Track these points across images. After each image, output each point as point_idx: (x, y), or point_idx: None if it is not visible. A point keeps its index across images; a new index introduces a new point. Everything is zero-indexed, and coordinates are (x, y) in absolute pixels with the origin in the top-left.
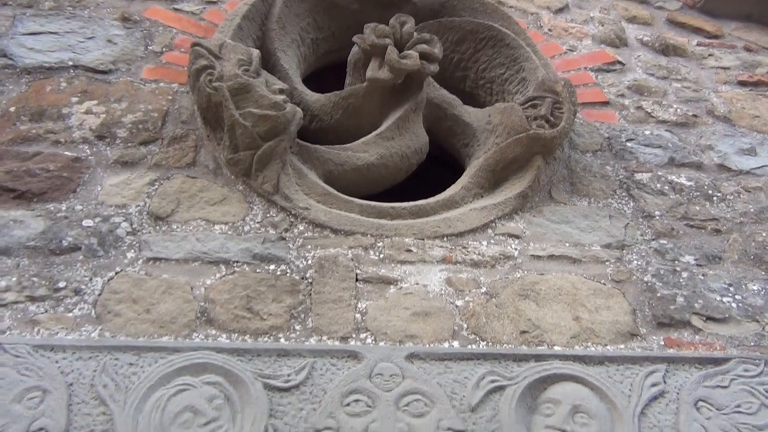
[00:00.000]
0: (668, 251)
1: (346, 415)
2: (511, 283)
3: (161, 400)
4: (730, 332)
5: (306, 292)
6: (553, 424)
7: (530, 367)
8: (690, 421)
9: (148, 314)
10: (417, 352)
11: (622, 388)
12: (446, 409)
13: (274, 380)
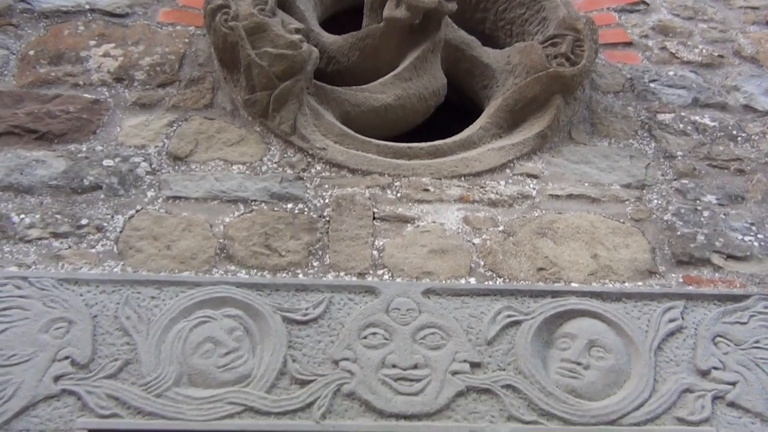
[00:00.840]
0: (689, 191)
1: (363, 347)
2: (529, 222)
3: (183, 331)
4: (750, 270)
5: (323, 229)
6: (568, 357)
7: (547, 302)
8: (707, 356)
9: (168, 250)
10: (433, 287)
11: (639, 323)
12: (462, 343)
13: (292, 314)
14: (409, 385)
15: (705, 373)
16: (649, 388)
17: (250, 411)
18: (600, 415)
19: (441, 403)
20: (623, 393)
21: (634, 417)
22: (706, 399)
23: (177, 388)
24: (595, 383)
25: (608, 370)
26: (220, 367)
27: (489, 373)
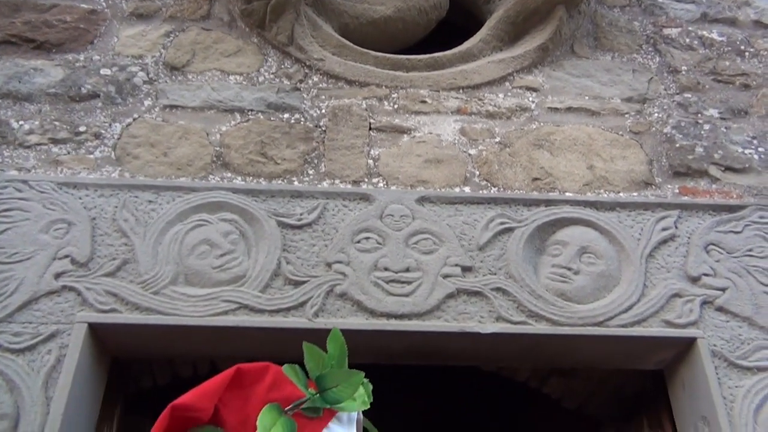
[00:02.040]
0: (692, 104)
1: (356, 250)
2: (526, 134)
3: (179, 233)
4: (748, 182)
5: (319, 139)
6: (559, 263)
7: (540, 211)
8: (699, 263)
9: (165, 157)
10: (428, 195)
11: (632, 232)
12: (454, 248)
13: (287, 218)
14: (400, 286)
15: (695, 279)
16: (638, 293)
17: (245, 308)
18: (588, 317)
19: (431, 304)
20: (612, 297)
21: (621, 319)
22: (694, 303)
23: (173, 286)
24: (585, 287)
25: (598, 275)
26: (215, 268)
27: (480, 277)
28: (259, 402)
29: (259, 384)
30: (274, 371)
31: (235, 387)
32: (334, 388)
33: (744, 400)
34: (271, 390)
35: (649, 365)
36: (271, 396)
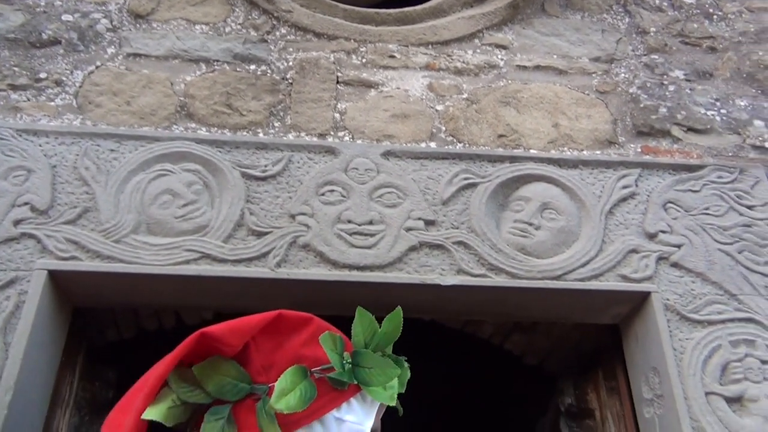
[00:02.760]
0: (658, 66)
1: (320, 203)
2: (494, 91)
3: (141, 182)
4: (709, 143)
5: (286, 91)
6: (521, 218)
7: (504, 167)
8: (656, 220)
9: (128, 106)
10: (393, 150)
11: (593, 189)
12: (418, 202)
13: (251, 170)
14: (363, 239)
15: (652, 236)
16: (597, 248)
17: (207, 258)
18: (546, 270)
19: (393, 256)
20: (571, 252)
21: (579, 273)
22: (650, 259)
23: (135, 235)
24: (545, 242)
25: (558, 230)
26: (178, 218)
27: (442, 231)
28: (290, 353)
29: (296, 335)
30: (316, 326)
31: (271, 331)
32: (367, 369)
33: (693, 352)
34: (305, 345)
35: (605, 319)
36: (304, 351)
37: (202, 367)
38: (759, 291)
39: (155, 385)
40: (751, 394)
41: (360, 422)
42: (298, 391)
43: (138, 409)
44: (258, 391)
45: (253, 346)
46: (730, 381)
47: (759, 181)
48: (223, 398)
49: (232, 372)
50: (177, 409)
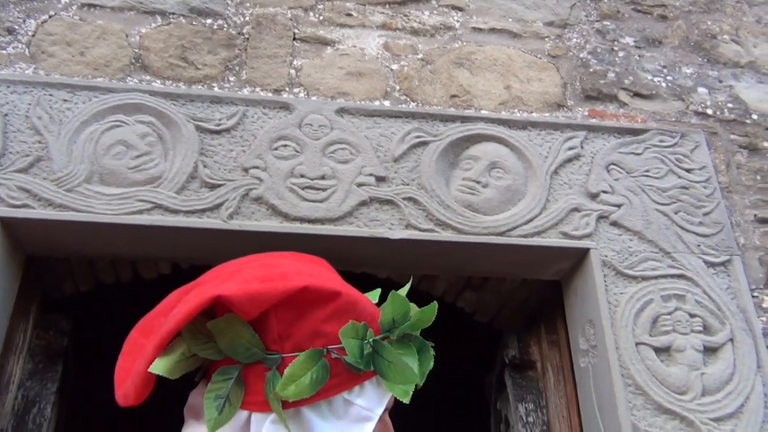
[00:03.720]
0: (609, 32)
1: (273, 157)
2: (448, 52)
3: (95, 133)
4: (654, 108)
5: (242, 46)
6: (469, 176)
7: (455, 126)
8: (599, 181)
9: (82, 57)
10: (347, 107)
11: (540, 150)
12: (370, 158)
13: (206, 123)
14: (315, 193)
15: (594, 196)
16: (540, 206)
17: (160, 208)
18: (491, 227)
19: (344, 210)
20: (516, 209)
21: (522, 230)
22: (591, 217)
23: (88, 184)
24: (491, 200)
25: (505, 188)
26: (131, 168)
27: (393, 187)
28: (309, 327)
29: (320, 309)
30: (342, 302)
31: (294, 303)
32: (387, 362)
33: (627, 305)
34: (327, 320)
35: (548, 275)
36: (325, 327)
37: (216, 324)
38: (692, 249)
39: (166, 339)
40: (678, 344)
41: (370, 408)
42: (309, 376)
43: (148, 359)
44: (269, 362)
45: (273, 313)
46: (659, 332)
47: (698, 146)
48: (234, 357)
49: (246, 335)
50: (185, 362)
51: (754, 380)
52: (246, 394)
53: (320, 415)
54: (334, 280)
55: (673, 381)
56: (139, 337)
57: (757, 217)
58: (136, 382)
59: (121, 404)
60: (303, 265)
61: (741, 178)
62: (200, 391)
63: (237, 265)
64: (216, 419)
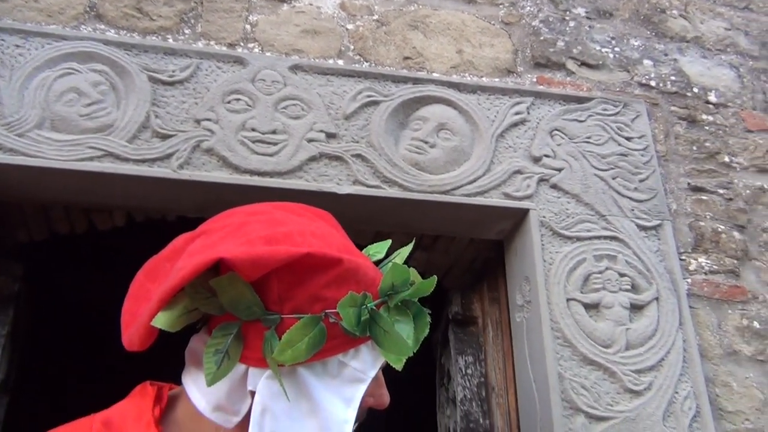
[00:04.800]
0: (562, 2)
1: (226, 110)
2: (404, 15)
3: (47, 80)
4: (599, 78)
5: (198, 0)
6: (417, 136)
7: (407, 88)
8: (542, 145)
9: (36, 3)
10: (301, 64)
11: (488, 114)
12: (322, 115)
13: (159, 74)
14: (266, 147)
15: (537, 159)
16: (485, 168)
17: (111, 156)
18: (436, 185)
19: (294, 165)
20: (461, 170)
21: (466, 189)
22: (532, 180)
23: (39, 130)
24: (438, 159)
25: (451, 149)
26: (82, 116)
27: (342, 144)
28: (310, 291)
29: (322, 275)
30: (344, 269)
31: (295, 267)
32: (383, 330)
33: (561, 263)
34: (328, 286)
35: (491, 235)
36: (325, 292)
37: (219, 281)
38: (625, 213)
39: (169, 295)
40: (607, 301)
41: (363, 371)
42: (305, 342)
43: (151, 313)
44: (268, 321)
45: (274, 276)
46: (590, 290)
47: (639, 116)
48: (234, 314)
49: (247, 294)
50: (187, 316)
51: (675, 336)
52: (244, 349)
53: (315, 374)
54: (338, 243)
55: (599, 335)
56: (145, 281)
57: (690, 186)
58: (140, 331)
59: (126, 348)
60: (309, 224)
61: (678, 148)
62: (201, 338)
63: (244, 216)
64: (215, 374)
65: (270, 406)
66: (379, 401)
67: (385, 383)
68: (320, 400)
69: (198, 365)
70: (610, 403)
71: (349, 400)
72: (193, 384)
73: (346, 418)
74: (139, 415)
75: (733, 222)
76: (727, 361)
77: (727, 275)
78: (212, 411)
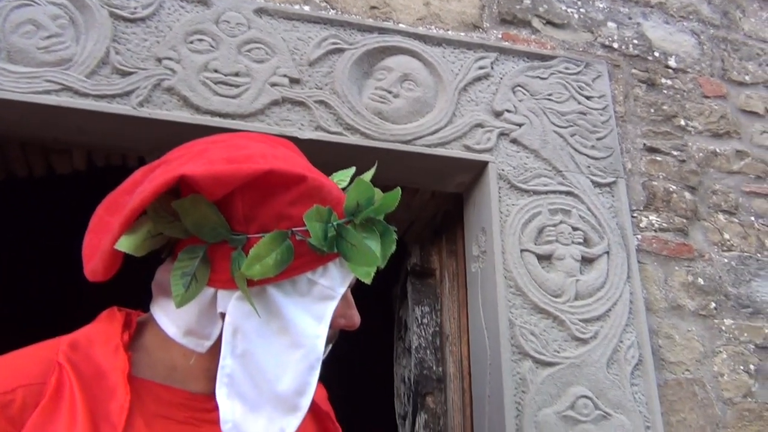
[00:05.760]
0: None
1: (188, 50)
2: None
3: (3, 9)
4: (564, 37)
5: None
6: (381, 86)
7: (373, 37)
8: (504, 100)
9: None
10: (266, 7)
11: (452, 67)
12: (286, 60)
13: (120, 10)
14: (228, 88)
15: (498, 114)
16: (447, 120)
17: (69, 90)
18: (398, 135)
19: (256, 108)
20: (423, 120)
21: (427, 140)
22: (493, 134)
23: None
24: (401, 109)
25: (414, 100)
26: (40, 49)
27: (306, 90)
28: (275, 209)
29: (286, 192)
30: (308, 186)
31: (259, 185)
32: (350, 244)
33: (517, 215)
34: (293, 204)
35: (451, 188)
36: (290, 210)
37: (182, 203)
38: (581, 169)
39: (131, 217)
40: (559, 253)
41: (332, 288)
42: (273, 257)
43: (114, 237)
44: (234, 242)
45: (238, 195)
46: (543, 242)
47: (600, 76)
48: (200, 237)
49: (212, 216)
50: (151, 240)
51: (622, 289)
52: (212, 272)
53: (284, 293)
54: (301, 164)
55: (550, 285)
56: (104, 215)
57: (646, 146)
58: (104, 258)
59: (90, 280)
60: (270, 148)
61: (636, 109)
62: (167, 267)
63: (204, 144)
64: (183, 295)
65: (241, 325)
66: (350, 322)
67: (354, 304)
68: (291, 318)
69: (165, 294)
70: (557, 349)
71: (319, 317)
72: (161, 311)
73: (317, 333)
74: (107, 339)
75: (684, 183)
76: (672, 314)
77: (676, 233)
78: (183, 336)
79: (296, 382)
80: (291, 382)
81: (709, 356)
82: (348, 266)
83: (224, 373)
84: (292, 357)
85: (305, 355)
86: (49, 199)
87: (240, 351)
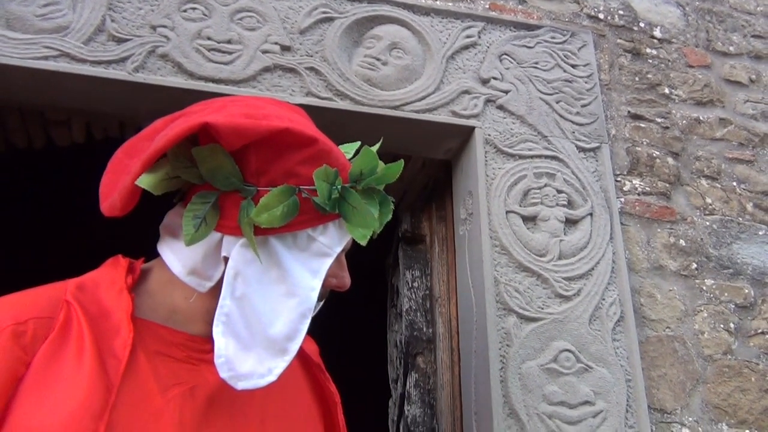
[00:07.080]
0: None
1: (182, 18)
2: None
3: None
4: (551, 8)
5: None
6: (370, 53)
7: (362, 6)
8: (490, 68)
9: None
10: None
11: (440, 36)
12: (277, 28)
13: None
14: (221, 55)
15: (485, 81)
16: (434, 86)
17: (66, 56)
18: (387, 100)
19: (248, 74)
20: (412, 87)
21: (415, 106)
22: (480, 100)
23: None
24: (389, 76)
25: (403, 67)
26: (38, 16)
27: (297, 57)
28: (286, 166)
29: (297, 152)
30: (319, 149)
31: (274, 141)
32: (352, 207)
33: (502, 178)
34: (303, 163)
35: (439, 154)
36: (300, 169)
37: (200, 151)
38: (566, 135)
39: (153, 157)
40: (544, 215)
41: (330, 246)
42: (280, 208)
43: (134, 174)
44: (245, 192)
45: (253, 149)
46: (528, 204)
47: (585, 45)
48: (213, 184)
49: (227, 165)
50: (168, 182)
51: (605, 249)
52: (221, 218)
53: (285, 245)
54: (313, 129)
55: (534, 245)
56: (123, 157)
57: (630, 113)
58: (123, 194)
59: (106, 215)
60: (286, 111)
61: (621, 78)
62: (177, 212)
63: (223, 102)
64: (193, 235)
65: (242, 270)
66: (341, 282)
67: (347, 268)
68: (289, 268)
69: (173, 235)
70: (541, 306)
71: (315, 271)
72: (168, 250)
73: (312, 285)
74: (112, 282)
75: (668, 149)
76: (654, 274)
77: (659, 197)
78: (187, 274)
79: (287, 328)
80: (283, 327)
81: (690, 315)
82: (347, 228)
83: (222, 312)
84: (286, 304)
85: (298, 304)
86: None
87: (239, 294)
